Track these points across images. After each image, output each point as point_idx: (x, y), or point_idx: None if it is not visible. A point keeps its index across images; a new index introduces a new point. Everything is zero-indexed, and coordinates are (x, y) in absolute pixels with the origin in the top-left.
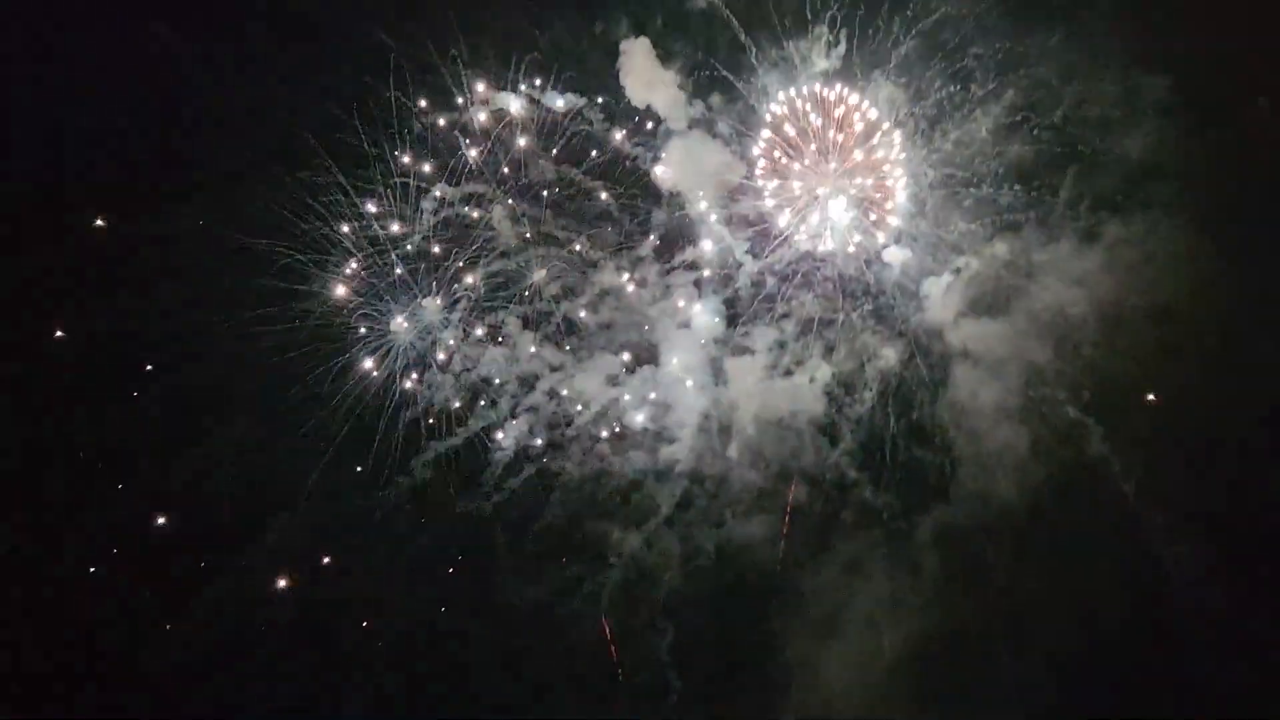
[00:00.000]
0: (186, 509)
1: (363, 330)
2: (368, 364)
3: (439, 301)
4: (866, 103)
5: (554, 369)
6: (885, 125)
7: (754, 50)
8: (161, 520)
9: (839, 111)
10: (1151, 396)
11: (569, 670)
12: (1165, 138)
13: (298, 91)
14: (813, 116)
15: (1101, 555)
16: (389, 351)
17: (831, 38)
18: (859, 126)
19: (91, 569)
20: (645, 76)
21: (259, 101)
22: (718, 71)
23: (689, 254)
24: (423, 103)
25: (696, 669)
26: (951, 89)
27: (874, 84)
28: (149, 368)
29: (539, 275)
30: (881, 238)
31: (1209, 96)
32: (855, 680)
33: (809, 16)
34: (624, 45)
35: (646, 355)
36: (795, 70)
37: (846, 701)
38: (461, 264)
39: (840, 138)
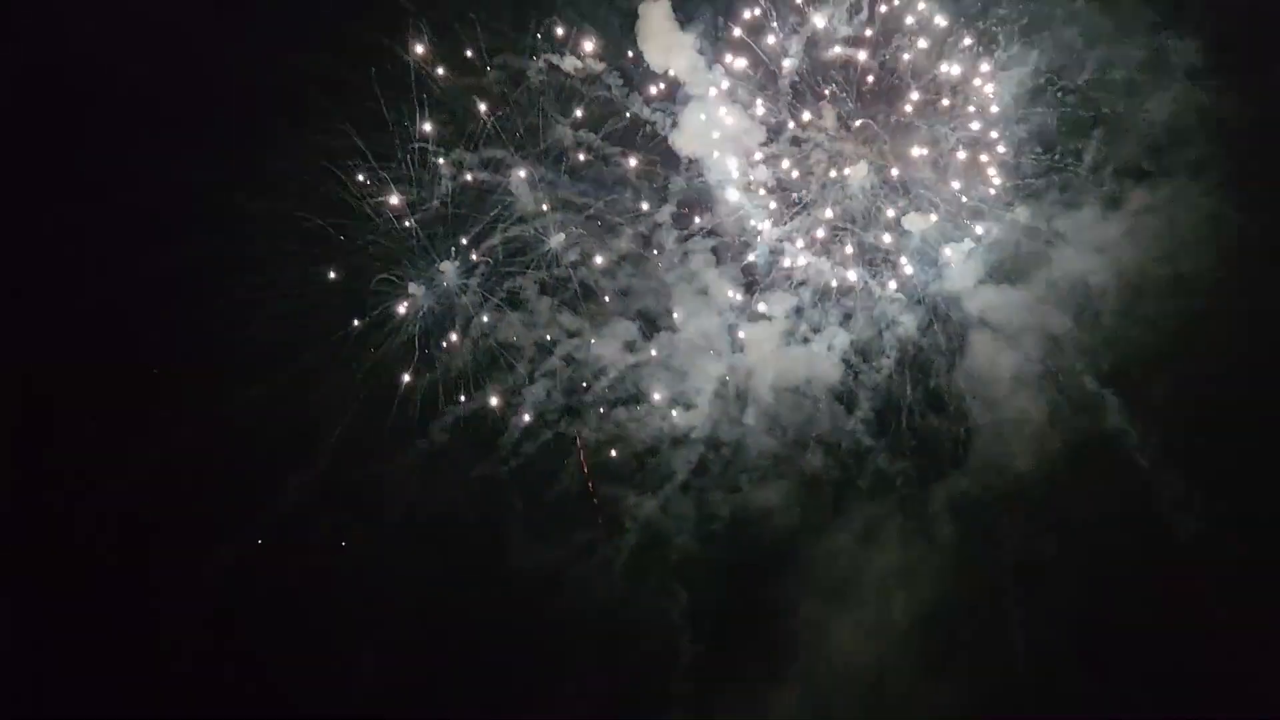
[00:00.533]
0: (196, 474)
1: (376, 296)
2: (383, 328)
3: (456, 266)
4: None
5: (571, 335)
6: (967, 42)
7: (774, 14)
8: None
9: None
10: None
11: (580, 634)
12: (1192, 102)
13: (311, 52)
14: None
15: (1117, 527)
16: (405, 317)
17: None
18: (911, 54)
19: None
20: (663, 40)
21: (271, 62)
22: (737, 35)
23: (707, 220)
24: (423, 47)
25: (708, 633)
26: (977, 49)
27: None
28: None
29: (556, 240)
30: (903, 203)
31: (1238, 60)
32: (868, 647)
33: None
34: (642, 8)
35: (664, 321)
36: (816, 35)
37: (858, 668)
38: (479, 229)
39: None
